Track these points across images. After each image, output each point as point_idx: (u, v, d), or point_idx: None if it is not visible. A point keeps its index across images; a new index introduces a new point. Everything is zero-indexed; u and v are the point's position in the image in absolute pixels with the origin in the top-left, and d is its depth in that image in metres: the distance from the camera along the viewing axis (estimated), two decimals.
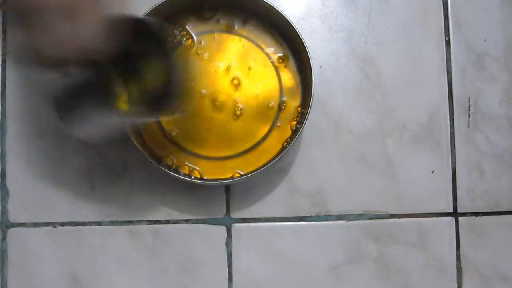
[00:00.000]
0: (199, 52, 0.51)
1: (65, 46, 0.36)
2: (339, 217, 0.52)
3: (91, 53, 0.37)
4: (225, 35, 0.51)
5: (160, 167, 0.47)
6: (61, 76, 0.39)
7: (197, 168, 0.49)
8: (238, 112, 0.50)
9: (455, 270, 0.52)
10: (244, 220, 0.52)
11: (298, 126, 0.49)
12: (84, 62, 0.37)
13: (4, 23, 0.53)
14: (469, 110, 0.54)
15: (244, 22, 0.51)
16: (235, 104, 0.50)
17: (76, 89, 0.40)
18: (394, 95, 0.53)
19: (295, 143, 0.47)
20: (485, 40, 0.54)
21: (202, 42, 0.51)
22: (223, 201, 0.52)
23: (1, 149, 0.52)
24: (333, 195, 0.52)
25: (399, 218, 0.52)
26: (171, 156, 0.49)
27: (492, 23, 0.54)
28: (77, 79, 0.39)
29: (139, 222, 0.52)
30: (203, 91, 0.50)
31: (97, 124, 0.42)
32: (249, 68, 0.51)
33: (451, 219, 0.53)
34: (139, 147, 0.47)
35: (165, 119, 0.50)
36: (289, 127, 0.50)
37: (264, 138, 0.50)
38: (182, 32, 0.51)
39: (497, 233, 0.53)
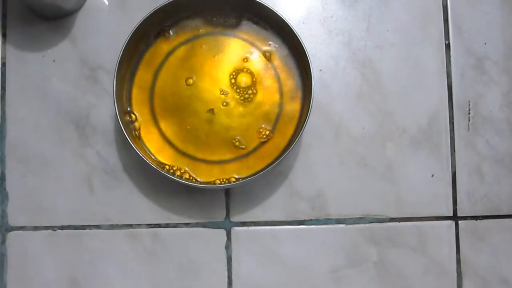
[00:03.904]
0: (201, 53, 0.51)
1: None
2: (339, 221, 0.52)
3: None
4: (225, 38, 0.51)
5: (160, 170, 0.47)
6: None
7: (197, 172, 0.49)
8: (238, 116, 0.50)
9: (455, 274, 0.52)
10: (244, 223, 0.52)
11: (297, 130, 0.49)
12: None
13: (4, 27, 0.53)
14: (469, 113, 0.54)
15: (245, 25, 0.51)
16: (235, 108, 0.50)
17: None
18: (394, 98, 0.53)
19: (294, 147, 0.47)
20: (485, 43, 0.54)
21: (203, 45, 0.51)
22: (223, 205, 0.52)
23: (0, 152, 0.52)
24: (333, 198, 0.52)
25: (399, 222, 0.52)
26: (171, 160, 0.49)
27: (492, 26, 0.54)
28: None
29: (139, 225, 0.52)
30: (203, 95, 0.50)
31: None
32: (249, 71, 0.51)
33: (451, 223, 0.52)
34: (138, 151, 0.47)
35: (164, 123, 0.50)
36: (289, 130, 0.50)
37: (264, 142, 0.50)
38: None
39: (497, 237, 0.53)
